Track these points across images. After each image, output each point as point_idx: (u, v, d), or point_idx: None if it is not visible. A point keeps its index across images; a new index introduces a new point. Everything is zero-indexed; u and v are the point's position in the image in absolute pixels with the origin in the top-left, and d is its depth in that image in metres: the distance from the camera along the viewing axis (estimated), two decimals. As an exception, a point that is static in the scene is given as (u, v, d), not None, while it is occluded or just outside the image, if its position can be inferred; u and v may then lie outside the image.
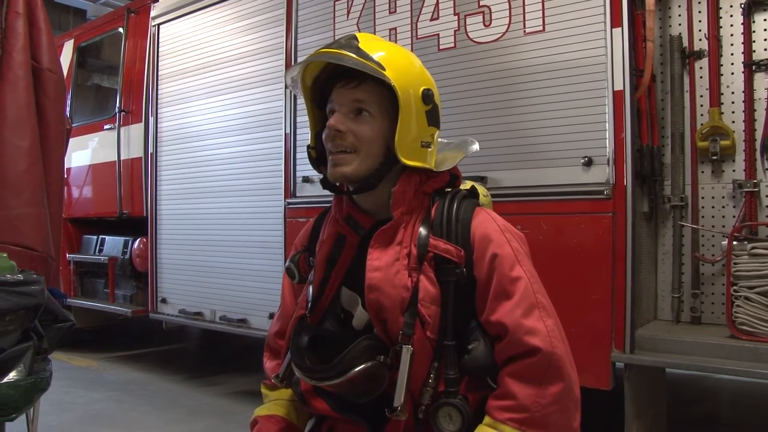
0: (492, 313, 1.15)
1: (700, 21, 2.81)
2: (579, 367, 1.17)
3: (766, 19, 2.68)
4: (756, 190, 2.63)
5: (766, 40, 2.68)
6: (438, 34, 3.02)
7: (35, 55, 2.37)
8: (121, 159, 4.86)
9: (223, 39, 4.04)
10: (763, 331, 2.37)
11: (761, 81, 2.67)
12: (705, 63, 2.79)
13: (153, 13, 4.60)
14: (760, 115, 2.65)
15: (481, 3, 2.88)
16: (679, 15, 2.87)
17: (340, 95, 1.21)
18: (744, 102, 2.69)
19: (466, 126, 2.85)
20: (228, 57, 4.00)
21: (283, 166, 3.64)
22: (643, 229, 2.76)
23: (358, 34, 1.23)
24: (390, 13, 3.20)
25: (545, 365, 1.10)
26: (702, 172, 2.80)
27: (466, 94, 2.90)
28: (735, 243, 2.51)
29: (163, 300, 4.42)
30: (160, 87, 4.53)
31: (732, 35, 2.74)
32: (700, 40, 2.80)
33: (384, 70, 1.15)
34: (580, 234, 2.57)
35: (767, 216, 2.64)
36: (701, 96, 2.80)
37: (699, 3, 2.80)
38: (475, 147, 1.35)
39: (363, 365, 1.12)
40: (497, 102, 2.82)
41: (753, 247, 2.47)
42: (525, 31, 2.75)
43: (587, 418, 1.26)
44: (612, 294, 2.49)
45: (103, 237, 5.27)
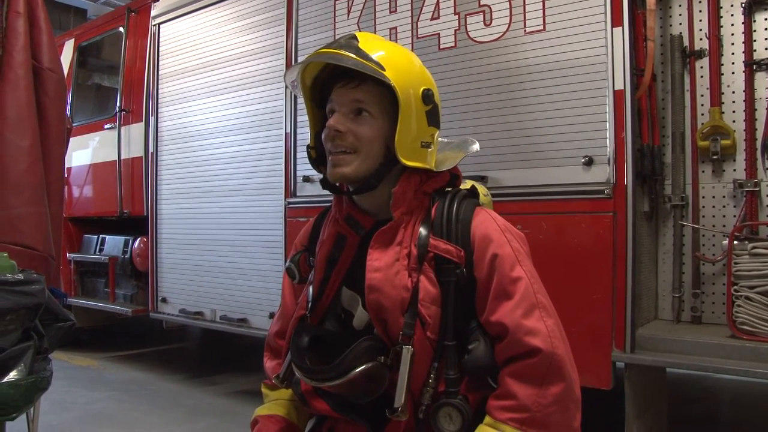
0: (492, 314, 1.15)
1: (700, 20, 2.80)
2: (579, 367, 1.17)
3: (766, 19, 2.68)
4: (756, 189, 2.63)
5: (766, 39, 2.67)
6: (438, 33, 3.02)
7: (36, 55, 2.38)
8: (122, 158, 4.86)
9: (224, 38, 4.04)
10: (764, 331, 2.37)
11: (762, 80, 2.66)
12: (706, 62, 2.79)
13: (153, 13, 4.61)
14: (760, 115, 2.64)
15: (482, 2, 2.88)
16: (680, 14, 2.86)
17: (339, 95, 1.21)
18: (745, 101, 2.69)
19: (466, 126, 2.85)
20: (228, 56, 4.00)
21: (284, 165, 3.64)
22: (644, 229, 2.76)
23: (358, 33, 1.23)
24: (390, 13, 3.20)
25: (546, 365, 1.10)
26: (702, 171, 2.80)
27: (466, 93, 2.90)
28: (736, 242, 2.50)
29: (164, 299, 4.43)
30: (160, 86, 4.52)
31: (733, 34, 2.74)
32: (700, 39, 2.80)
33: (384, 70, 1.15)
34: (580, 233, 2.57)
35: (768, 215, 2.64)
36: (702, 95, 2.80)
37: (700, 2, 2.80)
38: (476, 147, 1.35)
39: (364, 366, 1.12)
40: (498, 101, 2.82)
41: (754, 247, 2.46)
42: (525, 31, 2.75)
43: (588, 417, 1.26)
44: (612, 293, 2.48)
45: (104, 236, 5.28)
